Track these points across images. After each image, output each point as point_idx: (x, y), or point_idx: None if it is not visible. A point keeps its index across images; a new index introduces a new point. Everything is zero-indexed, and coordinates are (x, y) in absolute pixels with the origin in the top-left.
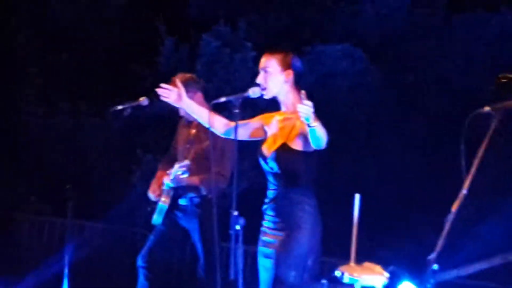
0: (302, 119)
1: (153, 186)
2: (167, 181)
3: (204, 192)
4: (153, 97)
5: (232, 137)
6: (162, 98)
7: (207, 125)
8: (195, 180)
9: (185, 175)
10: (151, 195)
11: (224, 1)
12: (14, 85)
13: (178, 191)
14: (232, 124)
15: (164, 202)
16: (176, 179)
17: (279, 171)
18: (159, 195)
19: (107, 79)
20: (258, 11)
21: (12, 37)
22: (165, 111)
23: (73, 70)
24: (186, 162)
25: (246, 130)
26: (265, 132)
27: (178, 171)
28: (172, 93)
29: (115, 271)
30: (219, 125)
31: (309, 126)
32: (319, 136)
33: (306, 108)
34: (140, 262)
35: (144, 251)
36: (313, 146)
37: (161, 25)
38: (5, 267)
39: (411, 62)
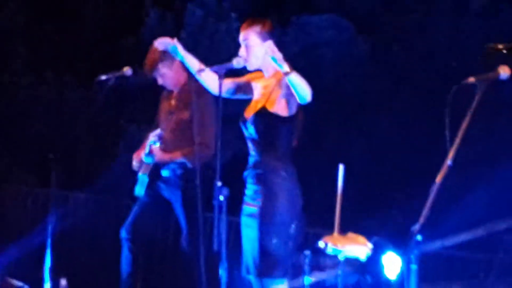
0: (270, 59)
1: (136, 153)
2: (143, 157)
3: (189, 165)
4: (137, 67)
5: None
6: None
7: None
8: (177, 155)
9: (157, 144)
10: (134, 162)
11: None
12: (0, 55)
13: (160, 161)
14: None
15: (144, 172)
16: (152, 152)
17: (257, 136)
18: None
19: (92, 50)
20: None
21: None
22: (149, 82)
23: (58, 41)
24: (158, 130)
25: (233, 84)
26: (252, 90)
27: (151, 141)
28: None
29: (99, 242)
30: (209, 79)
31: (285, 74)
32: (299, 85)
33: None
34: (124, 233)
35: (127, 223)
36: (298, 100)
37: None
38: None
39: (398, 33)
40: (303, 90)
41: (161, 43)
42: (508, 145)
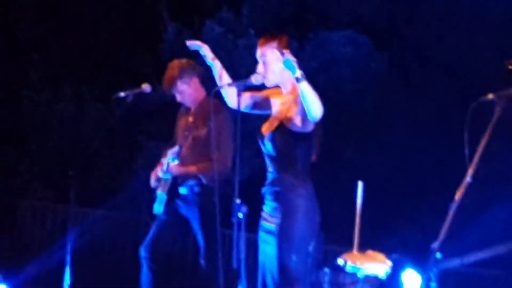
0: (288, 75)
1: (154, 171)
2: (161, 173)
3: (204, 181)
4: (156, 84)
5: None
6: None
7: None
8: (192, 169)
9: (175, 162)
10: (152, 180)
11: None
12: (18, 70)
13: (177, 179)
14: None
15: (162, 190)
16: (169, 168)
17: (274, 153)
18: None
19: (110, 66)
20: None
21: (16, 23)
22: (168, 98)
23: (77, 56)
24: (176, 148)
25: (252, 99)
26: (271, 106)
27: (169, 158)
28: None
29: (117, 259)
30: (229, 93)
31: (296, 80)
32: (310, 96)
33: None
34: (143, 252)
35: (146, 241)
36: (308, 115)
37: (164, 11)
38: (8, 253)
39: (416, 48)
40: (313, 103)
41: (192, 44)
42: None
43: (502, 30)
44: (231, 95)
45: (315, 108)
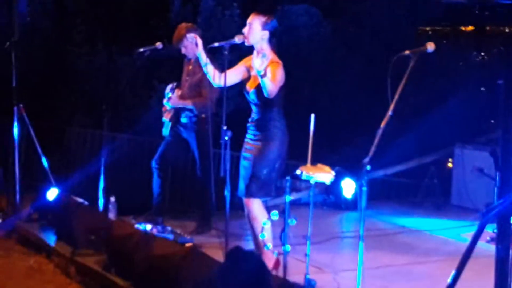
0: (255, 70)
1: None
2: (165, 101)
3: (195, 111)
4: (166, 42)
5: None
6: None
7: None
8: (188, 101)
9: (170, 95)
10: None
11: None
12: (65, 31)
13: (179, 111)
14: (223, 74)
15: (167, 117)
16: (171, 100)
17: (258, 101)
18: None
19: (133, 29)
20: None
21: None
22: (174, 53)
23: (108, 22)
24: (170, 85)
25: (236, 76)
26: (248, 71)
27: (166, 92)
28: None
29: (137, 170)
30: (217, 77)
31: (260, 77)
32: (267, 87)
33: (257, 62)
34: (154, 164)
35: (156, 155)
36: (264, 94)
37: None
38: (60, 166)
39: (353, 17)
40: (270, 89)
41: (191, 37)
42: (430, 100)
43: (413, 6)
44: (217, 78)
45: (270, 92)
